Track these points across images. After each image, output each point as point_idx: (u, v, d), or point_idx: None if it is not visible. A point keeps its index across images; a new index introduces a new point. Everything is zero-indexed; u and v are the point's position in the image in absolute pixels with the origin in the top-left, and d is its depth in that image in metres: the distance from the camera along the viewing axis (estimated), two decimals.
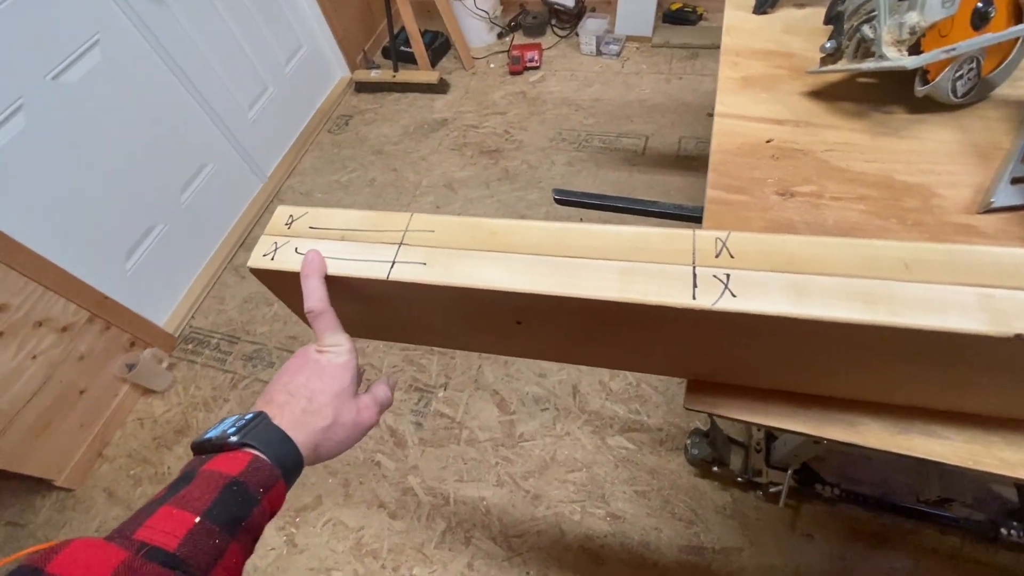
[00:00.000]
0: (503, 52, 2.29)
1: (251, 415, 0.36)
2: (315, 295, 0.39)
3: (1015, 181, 0.51)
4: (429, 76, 2.17)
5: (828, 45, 0.56)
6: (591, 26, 2.16)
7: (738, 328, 0.35)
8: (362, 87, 2.30)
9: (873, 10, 0.52)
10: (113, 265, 1.52)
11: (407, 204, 1.87)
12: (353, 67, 2.32)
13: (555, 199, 0.64)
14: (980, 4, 0.54)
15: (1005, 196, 0.50)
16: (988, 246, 0.33)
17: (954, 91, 0.56)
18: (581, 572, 1.13)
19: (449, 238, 0.40)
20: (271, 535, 1.27)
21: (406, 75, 2.20)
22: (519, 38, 2.35)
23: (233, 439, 0.33)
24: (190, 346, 1.66)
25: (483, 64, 2.31)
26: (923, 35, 0.52)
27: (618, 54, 2.16)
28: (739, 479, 1.12)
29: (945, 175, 0.53)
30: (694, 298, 0.34)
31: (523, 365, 1.44)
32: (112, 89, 1.43)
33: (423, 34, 2.24)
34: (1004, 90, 0.58)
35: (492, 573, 1.15)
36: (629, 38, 2.19)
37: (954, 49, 0.50)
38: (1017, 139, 0.54)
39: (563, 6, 2.23)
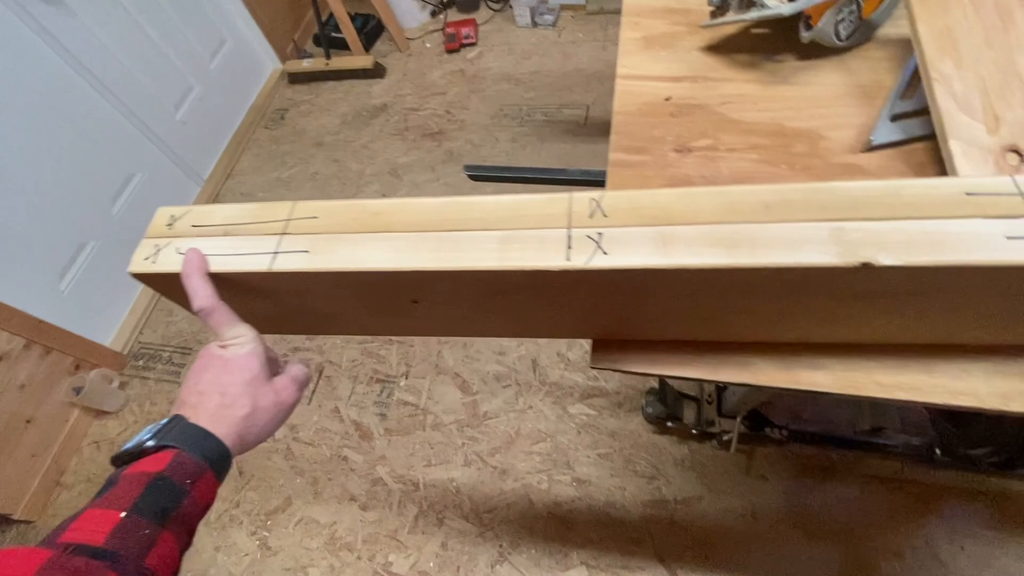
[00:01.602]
0: (438, 31, 2.24)
1: (166, 420, 0.36)
2: (200, 293, 0.39)
3: (895, 118, 0.53)
4: (363, 61, 2.10)
5: None
6: None
7: (616, 284, 0.36)
8: (296, 78, 2.22)
9: None
10: (46, 287, 1.45)
11: (352, 195, 1.83)
12: (284, 58, 2.24)
13: (468, 175, 0.64)
14: None
15: (885, 133, 0.52)
16: (843, 182, 0.35)
17: (837, 34, 0.57)
18: (552, 538, 1.16)
19: (333, 223, 0.40)
20: (244, 541, 1.26)
21: (339, 62, 2.13)
22: (453, 15, 2.29)
23: (151, 443, 0.34)
24: (141, 362, 1.61)
25: (419, 44, 2.25)
26: None
27: (554, 24, 2.14)
28: (694, 431, 1.16)
29: (833, 118, 0.55)
30: (568, 259, 0.35)
31: (482, 345, 1.45)
32: (18, 104, 1.35)
33: (353, 18, 2.17)
34: (887, 30, 0.60)
35: (466, 550, 1.17)
36: (563, 6, 2.16)
37: None
38: (897, 77, 0.56)
39: None
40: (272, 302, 0.44)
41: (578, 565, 1.12)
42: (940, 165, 0.48)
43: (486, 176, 0.64)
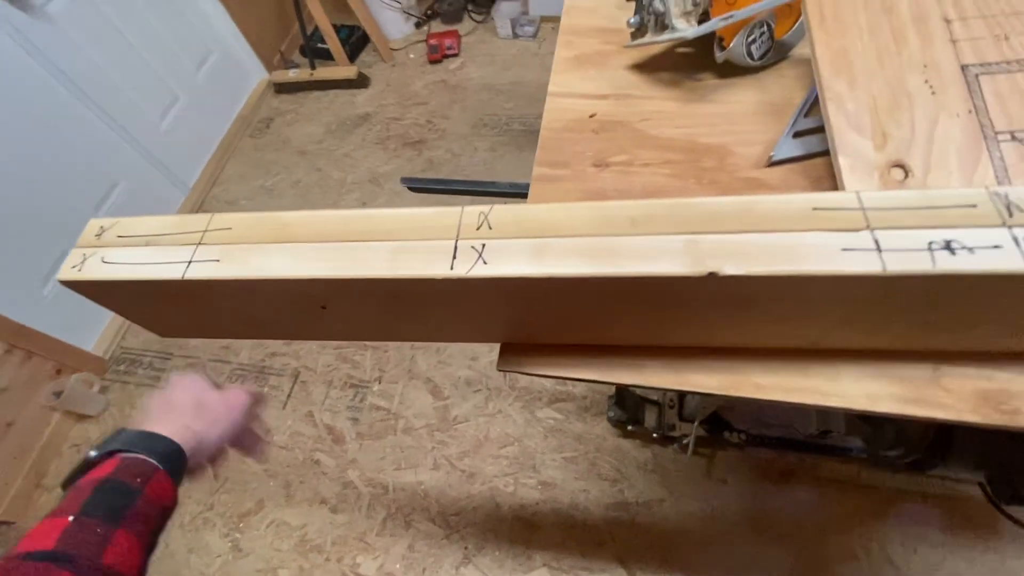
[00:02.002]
0: (421, 42, 2.28)
1: (109, 435, 0.37)
2: None
3: (797, 135, 0.55)
4: (347, 71, 2.15)
5: (633, 20, 0.60)
6: (505, 9, 2.17)
7: (503, 292, 0.39)
8: (282, 88, 2.26)
9: None
10: (29, 292, 1.48)
11: (333, 203, 1.87)
12: (271, 68, 2.28)
13: (407, 187, 0.67)
14: None
15: (786, 150, 0.54)
16: (703, 198, 0.38)
17: (750, 54, 0.60)
18: (516, 540, 1.18)
19: (245, 234, 0.42)
20: (216, 542, 1.28)
21: (324, 72, 2.17)
22: (436, 26, 2.34)
23: (93, 453, 0.34)
24: (122, 367, 1.63)
25: (402, 55, 2.29)
26: (709, 6, 0.56)
27: (534, 35, 2.18)
28: (655, 435, 1.18)
29: (743, 134, 0.58)
30: (452, 268, 0.37)
31: (455, 350, 1.47)
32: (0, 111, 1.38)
33: (339, 29, 2.21)
34: (801, 50, 0.63)
35: (432, 552, 1.19)
36: (544, 19, 2.21)
37: (732, 16, 0.55)
38: (803, 96, 0.59)
39: None
40: (192, 308, 0.47)
41: (540, 567, 1.14)
42: (835, 179, 0.50)
43: (423, 188, 0.67)
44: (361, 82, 2.17)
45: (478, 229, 0.39)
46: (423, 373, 1.45)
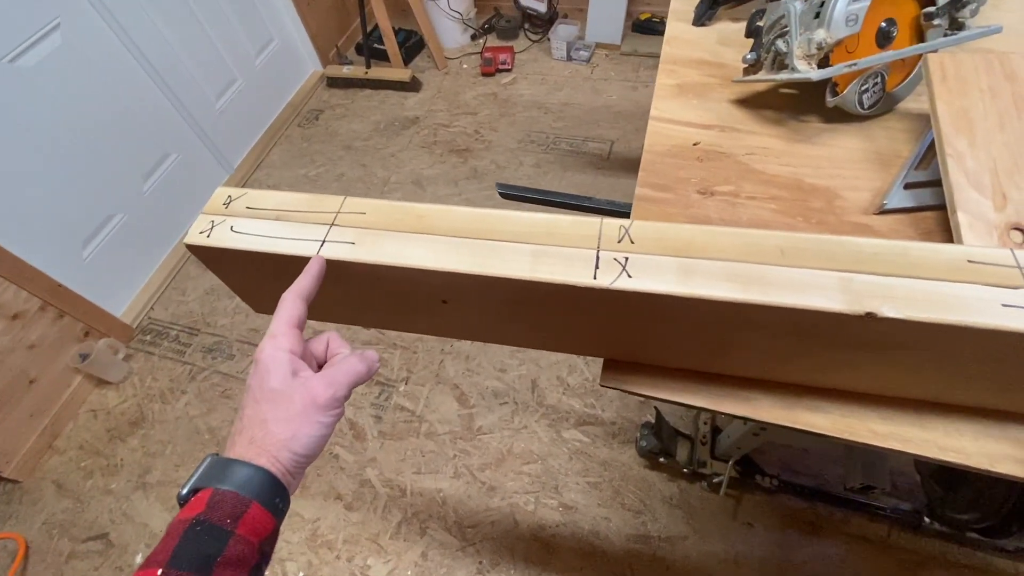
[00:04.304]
0: (476, 53, 2.32)
1: (200, 467, 0.33)
2: (298, 284, 0.38)
3: (908, 186, 0.56)
4: (401, 74, 2.18)
5: (749, 57, 0.61)
6: (562, 32, 2.21)
7: (636, 307, 0.39)
8: (334, 82, 2.30)
9: (786, 26, 0.57)
10: (69, 253, 1.49)
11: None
12: (325, 62, 2.32)
13: (499, 193, 0.67)
14: (884, 24, 0.59)
15: (897, 199, 0.55)
16: (854, 237, 0.38)
17: (860, 103, 0.61)
18: (532, 561, 1.15)
19: (379, 220, 0.43)
20: None
21: (378, 72, 2.21)
22: (492, 40, 2.38)
23: (184, 491, 0.32)
24: (148, 337, 1.63)
25: (456, 64, 2.33)
26: (831, 51, 0.57)
27: (588, 60, 2.21)
28: (685, 470, 1.17)
29: (849, 179, 0.58)
30: (595, 278, 0.37)
31: (484, 359, 1.47)
32: (72, 74, 1.41)
33: (397, 32, 2.26)
34: (908, 104, 0.64)
35: (445, 563, 1.17)
36: (599, 45, 2.25)
37: (855, 64, 0.55)
38: (913, 149, 0.59)
39: (536, 11, 2.28)
40: None
41: None
42: (946, 234, 0.50)
43: (516, 196, 0.68)
44: (413, 86, 2.20)
45: (619, 242, 0.39)
46: (451, 379, 1.44)
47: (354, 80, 2.25)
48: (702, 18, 0.76)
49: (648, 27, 2.24)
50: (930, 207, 0.54)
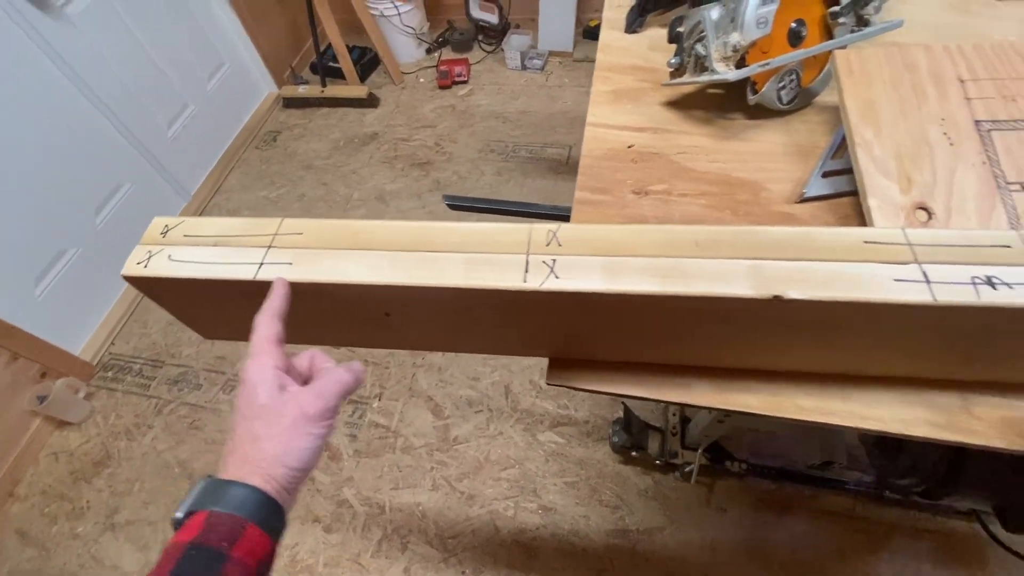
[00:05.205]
0: (432, 67, 2.34)
1: (194, 488, 0.33)
2: (268, 304, 0.39)
3: (826, 175, 0.59)
4: (358, 91, 2.18)
5: (673, 61, 0.64)
6: (515, 42, 2.24)
7: (568, 306, 0.41)
8: (290, 103, 2.29)
9: (704, 31, 0.60)
10: (21, 292, 1.45)
11: (338, 217, 1.87)
12: (281, 83, 2.31)
13: (447, 204, 0.69)
14: (794, 24, 0.63)
15: (816, 188, 0.58)
16: (766, 226, 0.40)
17: (780, 99, 0.64)
18: (515, 565, 1.16)
19: (316, 239, 0.44)
20: None
21: (334, 90, 2.21)
22: (447, 53, 2.41)
23: (178, 514, 0.32)
24: (110, 373, 1.59)
25: (412, 79, 2.35)
26: (746, 52, 0.60)
27: (542, 68, 2.26)
28: (658, 462, 1.19)
29: (773, 172, 0.61)
30: (524, 281, 0.39)
31: (456, 369, 1.47)
32: (12, 109, 1.37)
33: (352, 50, 2.26)
34: (824, 97, 0.68)
35: (429, 575, 1.17)
36: (552, 53, 2.29)
37: (768, 63, 0.59)
38: (830, 140, 0.63)
39: (488, 23, 2.31)
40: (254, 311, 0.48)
41: None
42: (862, 218, 0.54)
43: (465, 207, 0.69)
44: (371, 102, 2.21)
45: (547, 245, 0.41)
46: (424, 391, 1.44)
47: (310, 99, 2.25)
48: (633, 25, 0.80)
49: (598, 33, 2.29)
50: (846, 193, 0.58)
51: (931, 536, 1.11)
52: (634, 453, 1.20)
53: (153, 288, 0.45)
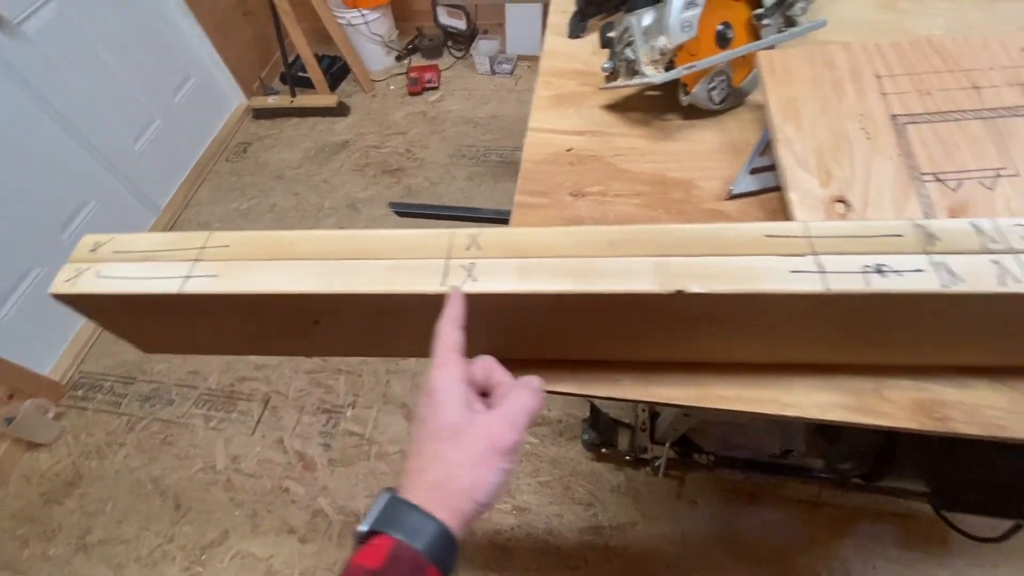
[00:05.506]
0: (402, 74, 2.35)
1: (379, 503, 0.31)
2: (448, 313, 0.38)
3: (754, 171, 0.61)
4: (328, 100, 2.19)
5: (606, 66, 0.66)
6: (484, 47, 2.26)
7: (489, 307, 0.42)
8: (260, 113, 2.28)
9: (632, 36, 0.62)
10: None
11: (310, 227, 1.87)
12: (250, 94, 2.30)
13: (394, 212, 0.70)
14: (721, 27, 0.65)
15: (744, 184, 0.60)
16: (674, 225, 0.42)
17: (711, 99, 0.66)
18: (491, 567, 1.17)
19: (242, 251, 0.44)
20: (175, 575, 1.22)
21: (304, 100, 2.21)
22: (417, 60, 2.42)
23: (363, 528, 0.31)
24: (80, 392, 1.57)
25: (383, 86, 2.35)
26: (674, 55, 0.62)
27: (511, 72, 2.28)
28: (628, 457, 1.21)
29: (706, 170, 0.63)
30: (442, 284, 0.40)
31: None
32: None
33: (321, 59, 2.27)
34: (756, 96, 0.70)
35: None
36: (521, 57, 2.32)
37: (694, 66, 0.61)
38: (759, 137, 0.65)
39: (456, 29, 2.33)
40: (194, 324, 0.48)
41: None
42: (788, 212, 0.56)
43: (411, 213, 0.71)
44: (341, 110, 2.21)
45: (468, 249, 0.42)
46: (398, 398, 1.44)
47: (280, 109, 2.24)
48: (576, 31, 0.81)
49: None
50: (773, 189, 0.60)
51: (893, 519, 1.14)
52: (604, 450, 1.21)
53: (83, 305, 0.45)
